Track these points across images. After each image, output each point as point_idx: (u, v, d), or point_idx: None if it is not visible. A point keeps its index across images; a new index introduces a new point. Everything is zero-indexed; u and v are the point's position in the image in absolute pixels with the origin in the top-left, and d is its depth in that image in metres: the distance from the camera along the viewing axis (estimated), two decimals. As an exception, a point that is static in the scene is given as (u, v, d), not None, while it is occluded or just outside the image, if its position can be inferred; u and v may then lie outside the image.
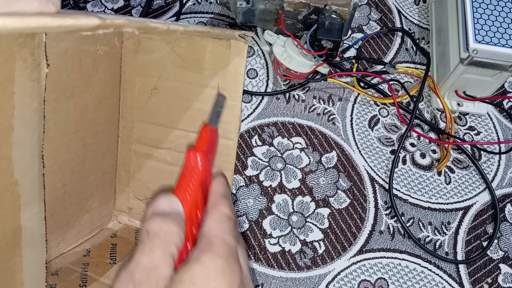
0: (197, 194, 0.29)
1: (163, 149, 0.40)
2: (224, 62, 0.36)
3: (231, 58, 0.36)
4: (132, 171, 0.41)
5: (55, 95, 0.31)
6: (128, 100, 0.40)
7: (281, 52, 0.50)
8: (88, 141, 0.36)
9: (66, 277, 0.34)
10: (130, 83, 0.39)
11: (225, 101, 0.34)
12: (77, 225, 0.38)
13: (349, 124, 0.52)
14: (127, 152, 0.41)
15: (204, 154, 0.30)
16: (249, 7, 0.50)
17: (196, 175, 0.29)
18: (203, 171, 0.30)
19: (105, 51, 0.36)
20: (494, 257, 0.46)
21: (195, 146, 0.31)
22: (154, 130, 0.40)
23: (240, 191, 0.48)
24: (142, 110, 0.40)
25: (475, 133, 0.52)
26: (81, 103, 0.34)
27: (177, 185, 0.29)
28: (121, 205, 0.42)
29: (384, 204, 0.48)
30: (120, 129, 0.41)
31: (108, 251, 0.38)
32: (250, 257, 0.45)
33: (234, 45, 0.35)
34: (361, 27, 0.58)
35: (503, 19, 0.46)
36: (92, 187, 0.38)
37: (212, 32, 0.30)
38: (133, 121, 0.40)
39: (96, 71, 0.35)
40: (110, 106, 0.39)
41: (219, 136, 0.35)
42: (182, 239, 0.27)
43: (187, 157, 0.30)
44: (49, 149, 0.30)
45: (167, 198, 0.28)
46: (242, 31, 0.33)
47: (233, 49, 0.35)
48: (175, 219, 0.27)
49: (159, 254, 0.25)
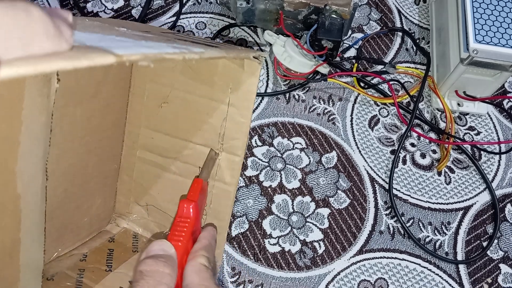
0: (188, 242, 0.32)
1: (168, 158, 0.40)
2: (237, 79, 0.36)
3: (244, 76, 0.35)
4: (135, 177, 0.41)
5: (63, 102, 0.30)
6: (136, 106, 0.40)
7: (281, 52, 0.50)
8: (93, 145, 0.36)
9: (61, 282, 0.34)
10: (140, 89, 0.39)
11: (217, 156, 0.37)
12: (75, 228, 0.37)
13: (349, 124, 0.52)
14: (131, 157, 0.41)
15: (196, 204, 0.33)
16: (249, 7, 0.50)
17: (188, 224, 0.32)
18: (194, 220, 0.33)
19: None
20: (494, 257, 0.46)
21: (188, 197, 0.34)
22: (161, 139, 0.40)
23: (240, 191, 0.48)
24: (150, 117, 0.40)
25: (475, 133, 0.52)
26: (89, 109, 0.34)
27: (170, 232, 0.32)
28: (121, 209, 0.42)
29: (384, 204, 0.48)
30: (126, 133, 0.40)
31: (105, 256, 0.38)
32: (250, 257, 0.45)
33: (248, 64, 0.35)
34: (361, 27, 0.58)
35: (503, 19, 0.45)
36: (93, 190, 0.38)
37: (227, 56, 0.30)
38: (140, 127, 0.40)
39: (106, 77, 0.35)
40: (117, 110, 0.39)
41: (226, 151, 0.38)
42: (174, 280, 0.29)
43: (180, 207, 0.33)
44: (52, 154, 0.30)
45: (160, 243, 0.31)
46: (257, 52, 0.33)
47: (246, 68, 0.35)
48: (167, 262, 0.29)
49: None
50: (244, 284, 0.44)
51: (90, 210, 0.39)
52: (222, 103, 0.37)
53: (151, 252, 0.30)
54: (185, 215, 0.33)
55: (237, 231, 0.46)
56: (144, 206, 0.41)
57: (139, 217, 0.42)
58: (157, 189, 0.41)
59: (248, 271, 0.44)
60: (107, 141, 0.38)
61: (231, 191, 0.38)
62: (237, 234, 0.46)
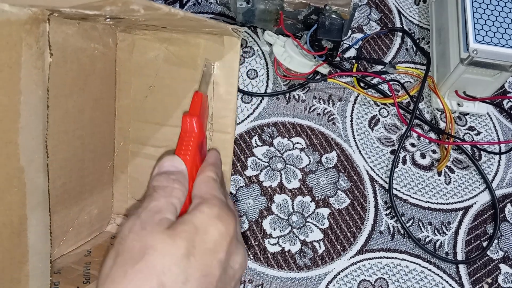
0: (196, 154, 0.33)
1: (161, 147, 0.40)
2: (218, 57, 0.37)
3: (225, 53, 0.36)
4: (130, 172, 0.42)
5: (54, 92, 0.31)
6: (124, 101, 0.40)
7: (281, 52, 0.50)
8: (86, 140, 0.36)
9: (69, 275, 0.34)
10: (126, 84, 0.40)
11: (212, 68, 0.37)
12: (77, 226, 0.38)
13: (349, 124, 0.52)
14: (124, 153, 0.41)
15: (198, 118, 0.33)
16: (249, 7, 0.50)
17: (193, 138, 0.33)
18: (198, 133, 0.33)
19: (100, 50, 0.36)
20: (494, 257, 0.46)
21: (190, 112, 0.34)
22: (151, 129, 0.40)
23: (240, 191, 0.48)
24: (138, 110, 0.40)
25: (475, 133, 0.52)
26: (79, 102, 0.35)
27: (177, 147, 0.33)
28: (120, 207, 0.42)
29: (384, 204, 0.48)
30: (116, 130, 0.41)
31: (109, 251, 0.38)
32: (250, 257, 0.45)
33: (228, 41, 0.36)
34: (361, 27, 0.58)
35: (503, 19, 0.45)
36: (91, 188, 0.38)
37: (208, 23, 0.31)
38: (129, 122, 0.40)
39: (93, 70, 0.36)
40: (105, 107, 0.39)
41: (216, 131, 0.38)
42: (185, 194, 0.30)
43: (184, 122, 0.33)
44: (49, 145, 0.30)
45: (171, 159, 0.32)
46: (235, 26, 0.34)
47: (226, 45, 0.36)
48: (178, 177, 0.30)
49: (163, 202, 0.28)
50: (244, 284, 0.44)
51: (89, 209, 0.39)
52: None
53: (162, 168, 0.31)
54: (189, 130, 0.33)
55: (237, 231, 0.46)
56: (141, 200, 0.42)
57: None
58: None
59: (248, 271, 0.44)
60: (99, 137, 0.39)
61: (227, 170, 0.39)
62: (237, 234, 0.46)
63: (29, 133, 0.27)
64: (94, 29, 0.35)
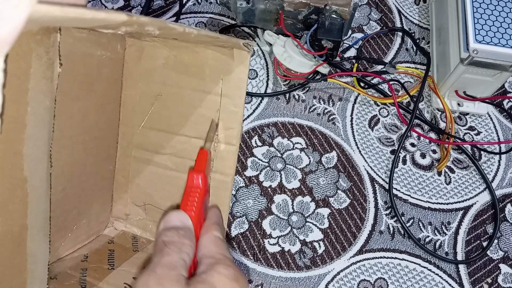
0: (200, 211, 0.33)
1: (164, 155, 0.40)
2: (227, 69, 0.36)
3: (234, 66, 0.36)
4: (131, 177, 0.41)
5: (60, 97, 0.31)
6: (129, 106, 0.40)
7: (281, 52, 0.50)
8: (89, 145, 0.36)
9: (65, 281, 0.34)
10: (132, 89, 0.39)
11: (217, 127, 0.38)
12: (75, 230, 0.38)
13: (349, 124, 0.52)
14: (126, 158, 0.41)
15: (204, 175, 0.34)
16: (249, 7, 0.50)
17: (199, 194, 0.34)
18: (203, 189, 0.34)
19: (108, 56, 0.36)
20: (494, 257, 0.46)
21: (195, 168, 0.35)
22: (156, 136, 0.40)
23: (240, 191, 0.48)
24: (144, 116, 0.40)
25: (475, 133, 0.52)
26: (84, 107, 0.34)
27: (182, 202, 0.33)
28: (118, 211, 0.42)
29: (384, 204, 0.48)
30: (120, 135, 0.41)
31: (106, 256, 0.38)
32: (249, 257, 0.45)
33: (237, 54, 0.36)
34: (361, 27, 0.58)
35: (503, 19, 0.45)
36: (91, 192, 0.38)
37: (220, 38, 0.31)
38: (134, 127, 0.40)
39: (99, 75, 0.36)
40: (110, 111, 0.39)
41: (221, 142, 0.39)
42: (193, 250, 0.30)
43: (190, 178, 0.34)
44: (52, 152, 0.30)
45: (178, 214, 0.32)
46: (246, 40, 0.34)
47: (236, 58, 0.36)
48: (186, 233, 0.31)
49: (176, 257, 0.28)
50: (244, 284, 0.44)
51: (89, 212, 0.39)
52: (214, 94, 0.37)
53: (170, 223, 0.31)
54: (195, 185, 0.34)
55: (236, 231, 0.46)
56: (141, 206, 0.41)
57: (137, 218, 0.42)
58: (154, 186, 0.41)
59: (247, 271, 0.44)
60: (102, 141, 0.38)
61: (229, 181, 0.39)
62: (236, 234, 0.46)
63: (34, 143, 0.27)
64: (103, 35, 0.35)
